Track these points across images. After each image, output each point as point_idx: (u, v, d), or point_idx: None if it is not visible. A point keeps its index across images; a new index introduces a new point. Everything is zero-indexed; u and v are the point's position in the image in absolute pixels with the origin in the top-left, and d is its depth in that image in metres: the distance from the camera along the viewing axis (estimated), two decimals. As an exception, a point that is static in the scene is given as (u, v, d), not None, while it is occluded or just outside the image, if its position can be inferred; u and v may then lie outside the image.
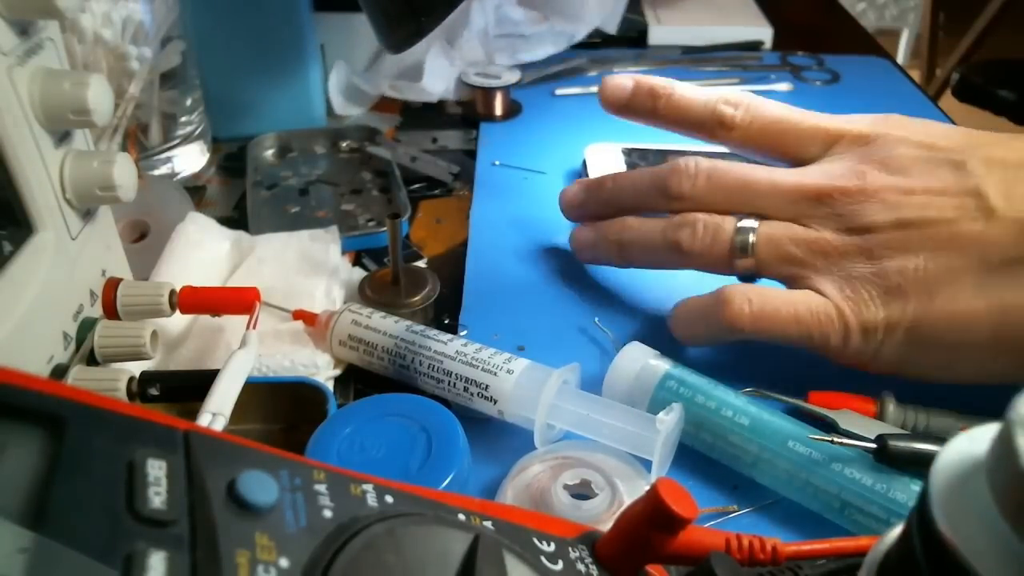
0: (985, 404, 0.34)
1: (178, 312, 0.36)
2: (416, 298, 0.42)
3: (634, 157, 0.55)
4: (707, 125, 0.40)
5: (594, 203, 0.44)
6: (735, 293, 0.36)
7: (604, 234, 0.43)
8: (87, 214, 0.34)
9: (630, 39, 0.76)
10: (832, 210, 0.36)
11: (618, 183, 0.43)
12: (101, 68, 0.45)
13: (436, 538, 0.20)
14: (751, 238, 0.37)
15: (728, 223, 0.38)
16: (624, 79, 0.43)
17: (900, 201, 0.34)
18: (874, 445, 0.30)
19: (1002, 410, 0.15)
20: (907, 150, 0.35)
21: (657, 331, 0.42)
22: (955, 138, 0.35)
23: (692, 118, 0.41)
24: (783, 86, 0.69)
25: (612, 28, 0.74)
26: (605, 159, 0.55)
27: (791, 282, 0.37)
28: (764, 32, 0.76)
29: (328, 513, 0.19)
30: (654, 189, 0.41)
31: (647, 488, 0.23)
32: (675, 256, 0.39)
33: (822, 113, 0.40)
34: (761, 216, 0.38)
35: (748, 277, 0.38)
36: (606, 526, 0.24)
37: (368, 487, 0.21)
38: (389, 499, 0.21)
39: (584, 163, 0.55)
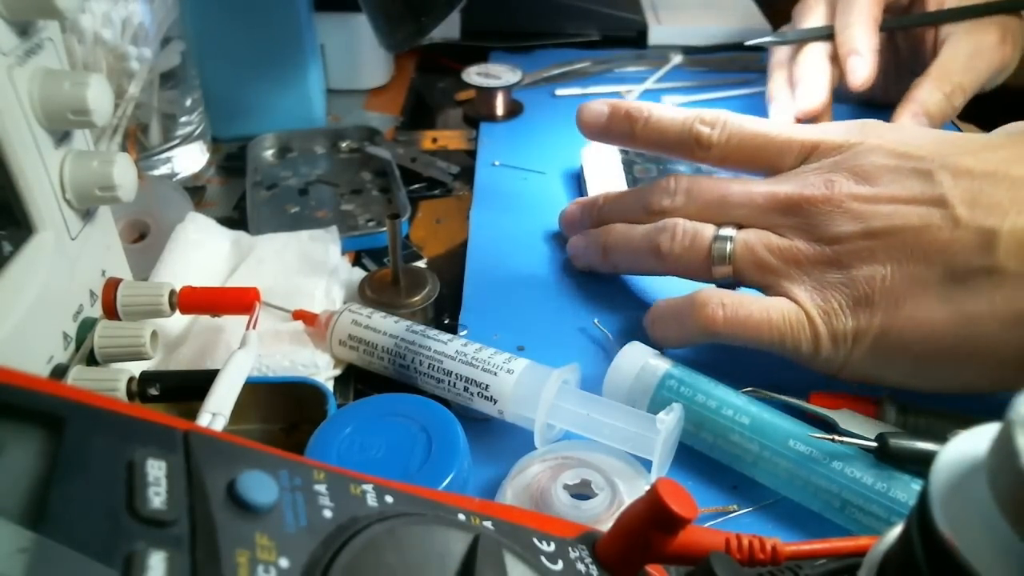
0: (985, 405, 0.34)
1: (178, 312, 0.36)
2: (416, 298, 0.42)
3: (631, 155, 0.55)
4: (685, 145, 0.41)
5: (588, 219, 0.46)
6: (709, 296, 0.36)
7: (592, 239, 0.44)
8: (87, 214, 0.34)
9: (630, 39, 0.76)
10: (803, 219, 0.36)
11: (608, 200, 0.45)
12: (101, 68, 0.45)
13: (436, 538, 0.20)
14: (728, 246, 0.37)
15: (707, 230, 0.38)
16: (600, 104, 0.44)
17: (867, 210, 0.34)
18: (875, 444, 0.30)
19: (1002, 410, 0.15)
20: (877, 158, 0.36)
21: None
22: (927, 147, 0.35)
23: (670, 140, 0.42)
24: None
25: None
26: (602, 160, 0.55)
27: (767, 290, 0.37)
28: (764, 32, 0.76)
29: (328, 513, 0.19)
30: (638, 205, 0.42)
31: (647, 488, 0.23)
32: (654, 260, 0.40)
33: (799, 124, 0.41)
34: (740, 226, 0.38)
35: (728, 284, 0.39)
36: (606, 526, 0.24)
37: (368, 487, 0.21)
38: (389, 499, 0.21)
39: (581, 164, 0.55)
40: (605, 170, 0.54)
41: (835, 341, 0.34)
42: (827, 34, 0.54)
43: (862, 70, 0.52)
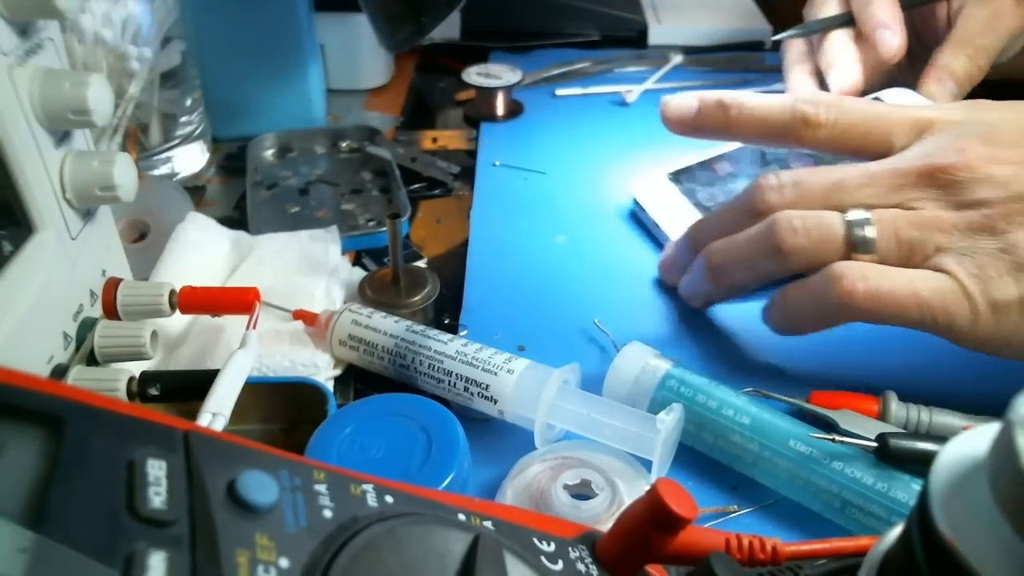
0: (986, 404, 0.34)
1: (178, 312, 0.36)
2: (416, 298, 0.42)
3: (683, 180, 0.51)
4: (789, 128, 0.38)
5: (688, 254, 0.42)
6: (847, 268, 0.33)
7: (697, 270, 0.41)
8: (87, 214, 0.34)
9: (630, 39, 0.76)
10: (939, 190, 0.34)
11: (704, 223, 0.42)
12: (101, 68, 0.45)
13: (436, 538, 0.20)
14: (868, 232, 0.34)
15: (833, 217, 0.35)
16: (686, 98, 0.41)
17: (1011, 173, 0.32)
18: (875, 444, 0.30)
19: (1002, 410, 0.15)
20: (1006, 125, 0.34)
21: (657, 331, 0.42)
22: None
23: (772, 123, 0.39)
24: (780, 87, 0.69)
25: None
26: (656, 190, 0.51)
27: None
28: (764, 32, 0.76)
29: (328, 513, 0.19)
30: (739, 213, 0.39)
31: (647, 488, 0.23)
32: (774, 261, 0.36)
33: (909, 105, 0.38)
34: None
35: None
36: (606, 526, 0.24)
37: (368, 487, 0.21)
38: (389, 499, 0.21)
39: (636, 202, 0.51)
40: (667, 202, 0.50)
41: (997, 312, 0.32)
42: (847, 20, 0.53)
43: (892, 40, 0.50)
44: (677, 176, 0.52)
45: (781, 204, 0.37)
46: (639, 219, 0.52)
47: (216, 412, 0.30)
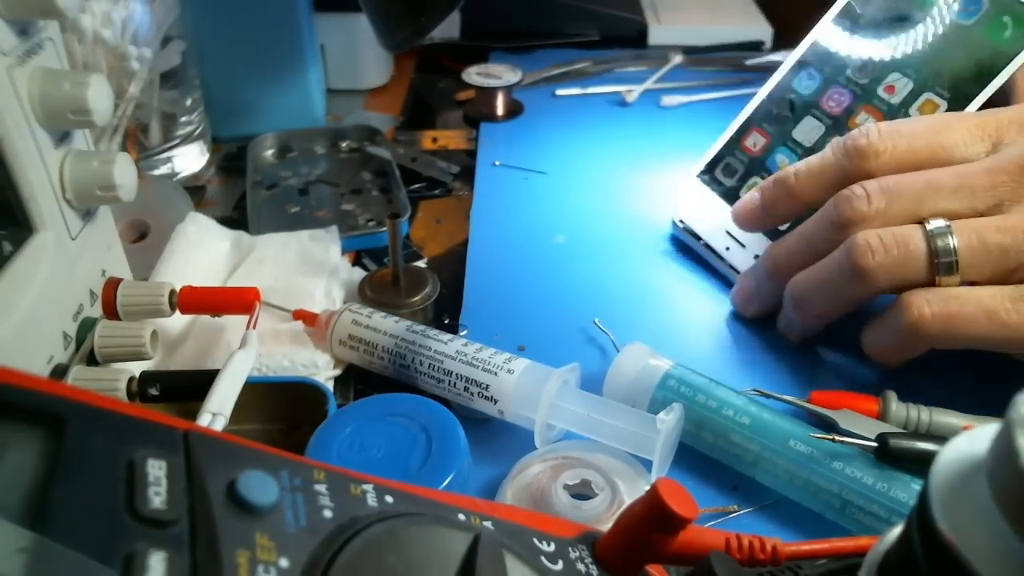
0: (986, 404, 0.34)
1: (178, 312, 0.36)
2: (416, 298, 0.42)
3: (719, 176, 0.48)
4: (852, 167, 0.36)
5: (772, 281, 0.40)
6: (913, 295, 0.33)
7: (786, 303, 0.39)
8: (87, 214, 0.34)
9: (630, 39, 0.76)
10: None
11: (784, 247, 0.39)
12: (101, 68, 0.45)
13: (436, 538, 0.20)
14: (951, 241, 0.32)
15: (912, 229, 0.33)
16: (745, 198, 0.41)
17: None
18: (875, 444, 0.30)
19: (1003, 410, 0.15)
20: None
21: (657, 331, 0.42)
22: None
23: (830, 171, 0.37)
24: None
25: None
26: (694, 196, 0.48)
27: (1005, 283, 0.33)
28: (764, 32, 0.76)
29: (328, 513, 0.19)
30: (825, 228, 0.37)
31: (647, 488, 0.23)
32: (857, 284, 0.34)
33: (962, 113, 0.37)
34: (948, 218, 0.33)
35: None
36: (606, 526, 0.24)
37: (368, 487, 0.21)
38: (389, 499, 0.21)
39: (680, 222, 0.48)
40: (704, 205, 0.47)
41: None
42: None
43: None
44: (710, 174, 0.48)
45: (869, 213, 0.35)
46: (684, 245, 0.48)
47: (216, 412, 0.30)
